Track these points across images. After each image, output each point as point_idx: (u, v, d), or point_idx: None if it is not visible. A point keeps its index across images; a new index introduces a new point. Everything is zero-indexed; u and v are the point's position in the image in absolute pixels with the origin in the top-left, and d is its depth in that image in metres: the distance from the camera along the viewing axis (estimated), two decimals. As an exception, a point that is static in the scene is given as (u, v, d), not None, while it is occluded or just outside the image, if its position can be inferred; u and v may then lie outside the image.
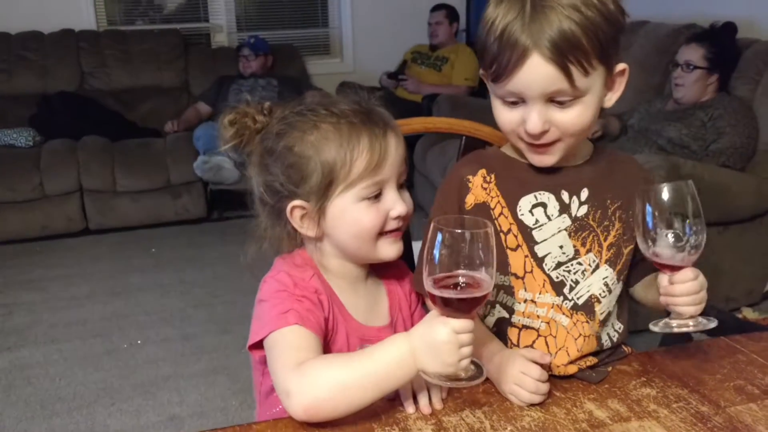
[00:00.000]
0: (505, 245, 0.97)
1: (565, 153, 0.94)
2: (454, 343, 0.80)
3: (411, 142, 3.86)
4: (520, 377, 0.88)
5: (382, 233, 0.97)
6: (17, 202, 3.60)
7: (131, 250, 3.62)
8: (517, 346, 0.98)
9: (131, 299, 3.02)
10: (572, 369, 0.95)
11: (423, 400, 0.87)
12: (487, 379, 0.96)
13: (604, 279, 0.97)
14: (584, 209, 0.97)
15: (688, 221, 0.88)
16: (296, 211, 0.97)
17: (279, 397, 0.85)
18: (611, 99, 0.93)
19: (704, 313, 0.92)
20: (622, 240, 0.98)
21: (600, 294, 0.97)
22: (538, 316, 0.97)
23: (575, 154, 0.98)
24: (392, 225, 0.97)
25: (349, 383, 0.81)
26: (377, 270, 1.07)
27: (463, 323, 0.80)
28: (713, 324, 0.91)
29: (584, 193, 0.97)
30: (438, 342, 0.80)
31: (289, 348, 0.87)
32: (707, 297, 0.92)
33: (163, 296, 3.04)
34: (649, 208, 0.89)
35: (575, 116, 0.88)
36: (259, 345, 0.92)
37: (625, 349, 1.03)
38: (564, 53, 0.83)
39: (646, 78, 3.24)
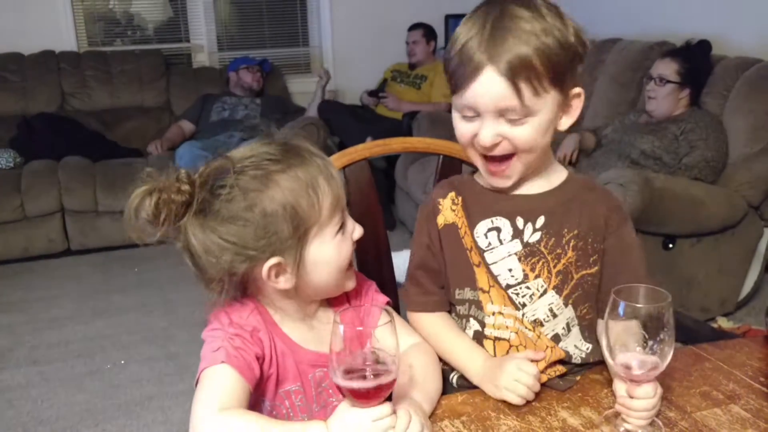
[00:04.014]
0: (471, 261, 1.03)
1: (522, 173, 0.98)
2: (380, 430, 0.79)
3: (391, 159, 3.93)
4: (519, 374, 0.93)
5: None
6: (-2, 223, 3.59)
7: (113, 270, 3.61)
8: (495, 356, 1.02)
9: (114, 319, 3.02)
10: (542, 378, 0.98)
11: None
12: (471, 387, 1.00)
13: (549, 305, 1.01)
14: (537, 236, 1.00)
15: (659, 337, 0.84)
16: (273, 269, 0.93)
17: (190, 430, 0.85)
18: (566, 122, 0.98)
19: (679, 329, 0.93)
20: (573, 267, 1.00)
21: (544, 319, 1.01)
22: (507, 327, 1.02)
23: (536, 181, 1.02)
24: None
25: None
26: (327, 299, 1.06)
27: (381, 410, 0.79)
28: None
29: (540, 221, 1.01)
30: (354, 429, 0.78)
31: (213, 387, 0.88)
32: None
33: (146, 316, 3.04)
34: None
35: (525, 133, 0.93)
36: None
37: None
38: (517, 72, 0.89)
39: (619, 93, 3.33)
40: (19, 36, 4.24)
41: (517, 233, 1.01)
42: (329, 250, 0.96)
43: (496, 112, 0.92)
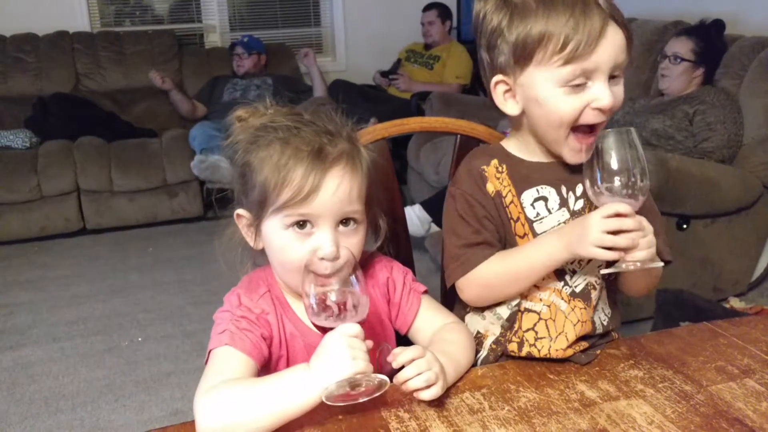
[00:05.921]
0: (513, 232, 1.02)
1: None
2: (344, 343, 0.82)
3: (404, 140, 3.93)
4: (606, 222, 0.89)
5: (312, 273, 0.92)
6: (15, 203, 3.63)
7: (129, 250, 3.65)
8: (520, 329, 1.04)
9: (130, 297, 3.06)
10: (569, 353, 1.00)
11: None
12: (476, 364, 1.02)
13: (599, 267, 1.01)
14: (580, 203, 1.02)
15: (630, 168, 0.89)
16: (241, 219, 0.99)
17: None
18: None
19: (692, 309, 0.94)
20: None
21: (596, 282, 1.03)
22: (540, 300, 1.02)
23: None
24: (320, 267, 0.89)
25: (249, 407, 0.82)
26: None
27: (350, 325, 0.84)
28: (659, 263, 0.93)
29: (579, 189, 1.02)
30: (329, 345, 0.83)
31: (213, 370, 0.90)
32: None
33: (162, 294, 3.09)
34: (595, 158, 0.91)
35: (621, 91, 0.94)
36: None
37: (614, 335, 1.10)
38: (624, 20, 0.90)
39: (633, 74, 3.31)
40: (33, 16, 4.26)
41: (563, 202, 1.02)
42: (275, 239, 0.94)
43: (610, 70, 0.91)
